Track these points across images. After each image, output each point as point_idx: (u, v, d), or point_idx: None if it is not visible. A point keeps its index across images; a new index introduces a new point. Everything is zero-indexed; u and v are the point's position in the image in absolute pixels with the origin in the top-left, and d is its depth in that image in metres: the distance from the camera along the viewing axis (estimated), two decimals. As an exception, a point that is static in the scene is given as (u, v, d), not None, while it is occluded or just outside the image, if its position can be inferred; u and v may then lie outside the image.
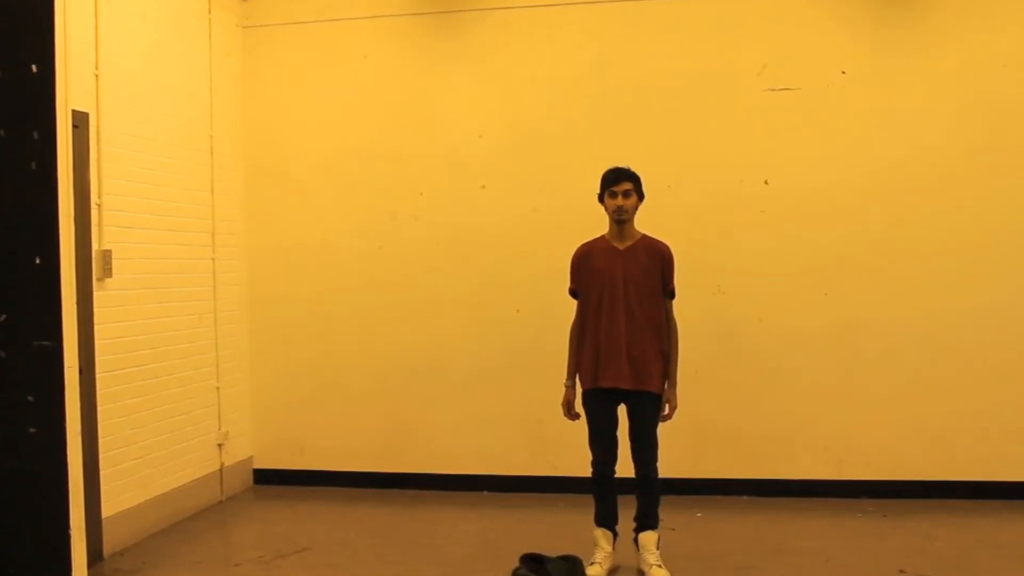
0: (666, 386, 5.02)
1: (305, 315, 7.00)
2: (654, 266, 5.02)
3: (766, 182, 6.48)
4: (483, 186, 6.77)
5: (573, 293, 5.18)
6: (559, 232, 6.60)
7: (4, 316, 2.25)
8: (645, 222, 5.22)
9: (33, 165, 2.30)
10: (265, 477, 7.06)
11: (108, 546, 5.33)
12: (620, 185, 5.02)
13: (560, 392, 5.18)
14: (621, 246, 5.06)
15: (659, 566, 4.94)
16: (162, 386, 5.91)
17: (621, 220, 5.02)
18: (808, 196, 6.43)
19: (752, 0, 6.52)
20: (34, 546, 2.34)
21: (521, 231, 6.70)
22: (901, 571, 4.95)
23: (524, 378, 6.64)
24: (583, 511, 5.28)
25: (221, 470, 6.64)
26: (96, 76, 5.33)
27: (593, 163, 6.56)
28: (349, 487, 6.84)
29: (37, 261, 2.31)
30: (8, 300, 2.26)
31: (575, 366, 5.13)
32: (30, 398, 2.30)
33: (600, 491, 5.12)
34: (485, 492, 6.67)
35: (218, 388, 6.61)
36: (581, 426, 5.14)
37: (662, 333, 5.03)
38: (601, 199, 5.10)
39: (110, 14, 5.42)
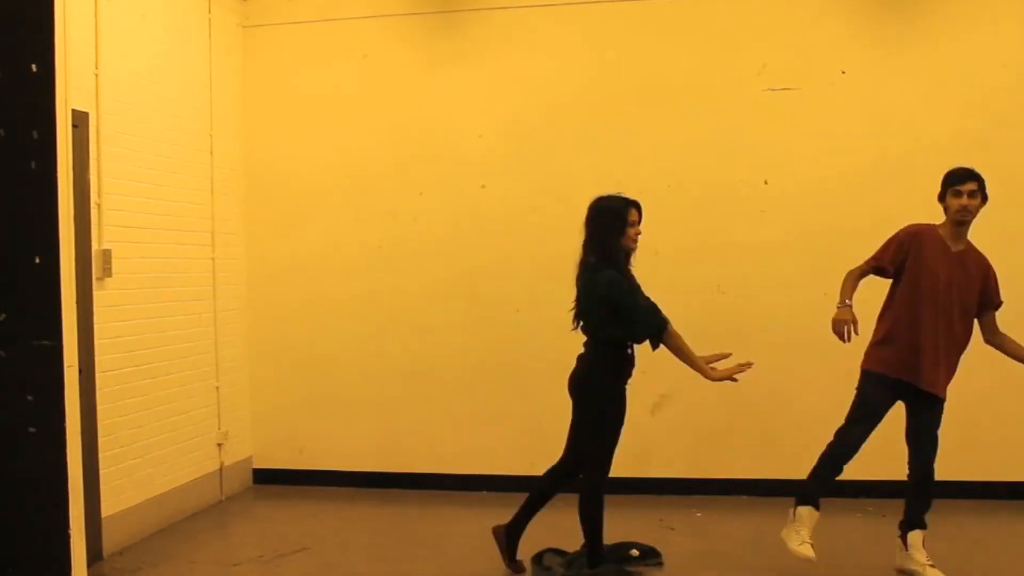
0: None
1: (304, 315, 7.00)
2: (978, 279, 4.92)
3: (766, 182, 6.48)
4: (483, 186, 6.77)
5: (880, 267, 4.94)
6: (558, 232, 6.59)
7: (3, 315, 2.25)
8: (646, 221, 5.20)
9: (33, 165, 2.30)
10: (264, 477, 7.07)
11: (108, 546, 5.34)
12: (966, 184, 4.87)
13: (557, 393, 5.14)
14: (955, 248, 4.94)
15: (932, 566, 4.90)
16: (161, 386, 5.92)
17: (963, 221, 4.89)
18: (808, 196, 6.43)
19: (752, 0, 6.53)
20: (33, 545, 2.34)
21: (521, 231, 6.70)
22: (900, 571, 4.96)
23: (524, 378, 6.65)
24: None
25: (221, 470, 6.64)
26: (96, 76, 5.33)
27: (593, 163, 6.60)
28: (348, 487, 6.85)
29: (37, 261, 2.31)
30: (8, 300, 2.26)
31: (852, 292, 4.87)
32: (29, 397, 2.30)
33: (833, 473, 5.04)
34: (484, 492, 6.67)
35: (218, 388, 6.61)
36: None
37: (964, 346, 4.95)
38: (942, 198, 4.95)
39: (110, 14, 5.42)
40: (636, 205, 4.86)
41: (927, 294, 4.86)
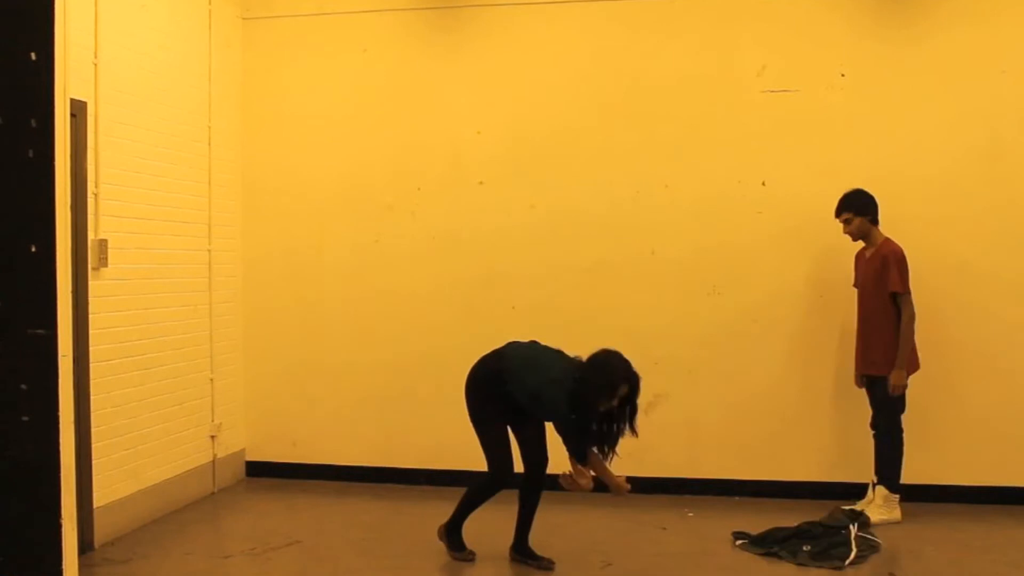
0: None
1: (300, 308, 7.00)
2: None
3: (763, 183, 6.48)
4: (481, 182, 6.77)
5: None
6: (556, 230, 6.62)
7: (-1, 304, 2.25)
8: (643, 221, 5.21)
9: (31, 153, 2.29)
10: (257, 469, 7.06)
11: (99, 536, 5.33)
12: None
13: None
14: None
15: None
16: (155, 377, 5.91)
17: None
18: (805, 198, 6.43)
19: (752, 1, 6.53)
20: (25, 535, 2.33)
21: (518, 228, 6.70)
22: (891, 575, 4.97)
23: (518, 375, 6.63)
24: (574, 508, 5.29)
25: (213, 462, 6.64)
26: (95, 65, 5.31)
27: (590, 161, 6.61)
28: (341, 481, 6.84)
29: (33, 249, 2.31)
30: (3, 288, 2.26)
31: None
32: (23, 386, 2.30)
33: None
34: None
35: (212, 380, 6.60)
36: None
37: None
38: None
39: (110, 3, 5.41)
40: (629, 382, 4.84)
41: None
